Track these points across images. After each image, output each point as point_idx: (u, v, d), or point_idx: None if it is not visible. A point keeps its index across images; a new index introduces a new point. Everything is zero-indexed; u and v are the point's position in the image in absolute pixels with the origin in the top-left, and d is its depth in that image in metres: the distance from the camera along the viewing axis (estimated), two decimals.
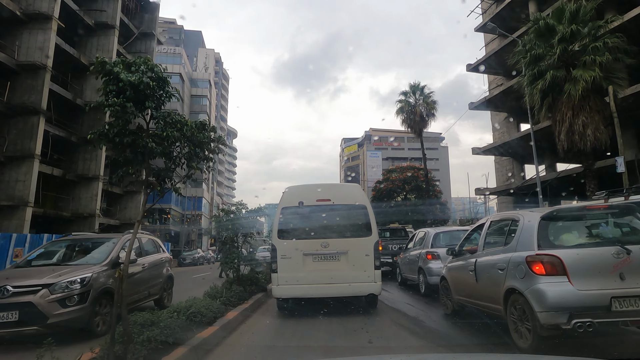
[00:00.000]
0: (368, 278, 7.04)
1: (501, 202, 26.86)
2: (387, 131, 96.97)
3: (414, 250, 9.74)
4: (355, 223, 7.45)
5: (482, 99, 25.79)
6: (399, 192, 40.76)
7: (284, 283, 7.09)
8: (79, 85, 30.24)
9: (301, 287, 7.03)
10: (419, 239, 9.92)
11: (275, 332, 6.52)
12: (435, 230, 9.11)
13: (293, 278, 7.00)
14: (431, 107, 34.25)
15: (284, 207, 7.45)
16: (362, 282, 7.06)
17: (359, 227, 7.39)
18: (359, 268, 7.05)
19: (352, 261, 7.08)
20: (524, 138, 22.73)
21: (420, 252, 9.02)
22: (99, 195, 29.45)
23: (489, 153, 26.63)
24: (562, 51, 13.26)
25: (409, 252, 10.30)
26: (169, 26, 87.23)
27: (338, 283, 6.97)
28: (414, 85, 35.07)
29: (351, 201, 7.51)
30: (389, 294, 9.94)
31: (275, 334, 6.40)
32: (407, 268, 10.36)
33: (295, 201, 7.38)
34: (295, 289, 7.05)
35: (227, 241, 8.89)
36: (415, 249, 9.80)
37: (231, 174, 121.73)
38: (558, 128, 13.36)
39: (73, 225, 28.47)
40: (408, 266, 10.18)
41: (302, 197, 7.31)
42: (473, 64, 26.45)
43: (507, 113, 26.54)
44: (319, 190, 7.51)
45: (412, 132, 34.83)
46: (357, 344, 5.59)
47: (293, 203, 7.40)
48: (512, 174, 25.83)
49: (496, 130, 27.55)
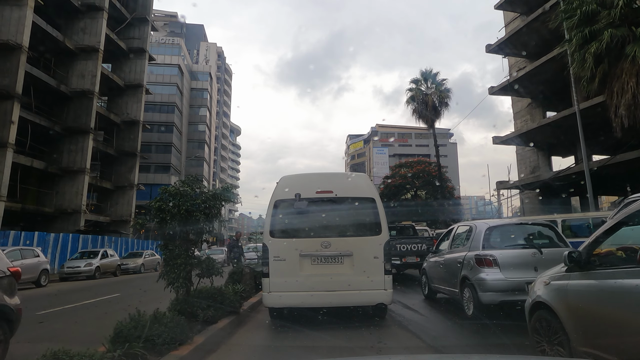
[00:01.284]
0: (377, 285, 5.99)
1: (525, 198, 24.31)
2: (394, 127, 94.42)
3: (453, 253, 7.31)
4: (362, 219, 6.39)
5: (504, 83, 23.23)
6: (408, 188, 38.22)
7: (276, 290, 5.98)
8: (64, 71, 28.01)
9: (297, 294, 5.95)
10: (459, 237, 7.44)
11: None
12: (486, 224, 6.60)
13: (288, 284, 5.94)
14: (444, 95, 31.77)
15: (278, 199, 6.28)
16: (369, 290, 6.01)
17: (367, 224, 6.34)
18: (366, 273, 5.98)
19: (358, 264, 6.02)
20: (551, 125, 20.19)
21: (465, 255, 6.59)
22: (84, 189, 27.23)
23: (510, 143, 24.07)
24: (624, 5, 10.71)
25: (443, 254, 7.87)
26: (171, 19, 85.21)
27: (341, 290, 5.94)
28: (425, 72, 32.60)
29: (357, 193, 6.40)
30: (416, 314, 7.46)
31: None
32: (439, 277, 7.91)
33: (291, 193, 6.24)
34: (290, 297, 5.98)
35: (170, 240, 5.91)
36: (453, 250, 7.37)
37: (234, 172, 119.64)
38: (616, 100, 10.85)
39: (57, 222, 26.33)
40: (441, 274, 7.73)
41: (300, 189, 6.24)
42: (493, 44, 23.91)
43: (531, 99, 23.99)
44: (320, 181, 6.51)
45: (424, 122, 32.32)
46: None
47: (289, 195, 6.26)
48: (537, 165, 23.27)
49: (518, 118, 24.98)
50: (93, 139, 29.93)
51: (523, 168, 24.47)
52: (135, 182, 34.11)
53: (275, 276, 5.97)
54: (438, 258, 8.17)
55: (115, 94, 34.65)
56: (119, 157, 33.54)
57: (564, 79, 21.38)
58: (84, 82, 28.19)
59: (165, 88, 51.52)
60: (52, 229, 24.91)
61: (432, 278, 8.43)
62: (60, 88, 26.60)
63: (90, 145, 27.96)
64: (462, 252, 6.92)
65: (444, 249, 8.21)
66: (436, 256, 8.37)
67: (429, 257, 8.86)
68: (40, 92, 25.76)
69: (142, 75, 35.38)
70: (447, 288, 7.48)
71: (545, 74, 21.15)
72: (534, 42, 22.19)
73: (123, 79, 34.34)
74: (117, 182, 33.40)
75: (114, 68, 34.90)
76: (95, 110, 28.36)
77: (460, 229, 7.85)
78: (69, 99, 27.65)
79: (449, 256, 7.59)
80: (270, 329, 6.38)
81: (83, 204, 27.00)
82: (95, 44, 28.61)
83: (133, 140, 34.38)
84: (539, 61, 20.46)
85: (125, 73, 34.99)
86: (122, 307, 6.82)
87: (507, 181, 23.74)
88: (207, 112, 62.23)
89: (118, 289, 14.25)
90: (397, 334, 5.95)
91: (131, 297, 10.53)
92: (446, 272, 7.56)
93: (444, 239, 8.58)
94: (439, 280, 8.06)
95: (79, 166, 27.18)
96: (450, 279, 7.26)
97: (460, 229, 7.85)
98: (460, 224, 8.54)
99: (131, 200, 33.65)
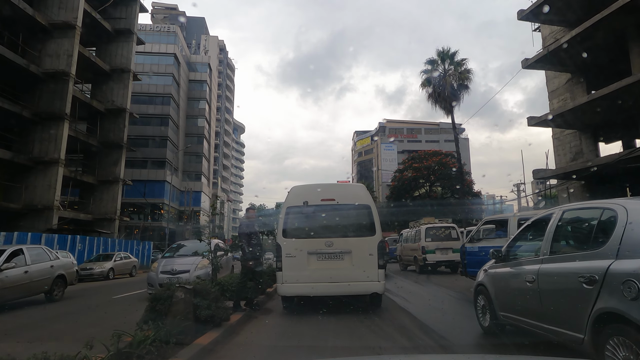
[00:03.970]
0: (372, 277, 7.05)
1: (563, 190, 20.73)
2: (402, 122, 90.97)
3: (556, 261, 4.06)
4: (359, 223, 7.50)
5: (540, 54, 19.70)
6: (422, 183, 34.70)
7: (288, 281, 7.13)
8: (35, 49, 24.89)
9: (305, 285, 7.05)
10: (568, 232, 4.17)
11: None
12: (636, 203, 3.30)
13: (297, 276, 7.03)
14: (464, 76, 28.26)
15: (289, 206, 7.50)
16: (365, 282, 7.06)
17: (363, 226, 7.40)
18: (362, 267, 7.05)
19: (356, 260, 7.11)
20: (599, 101, 16.68)
21: (607, 267, 3.15)
22: (58, 183, 24.07)
23: (546, 125, 20.56)
24: None
25: (525, 263, 4.63)
26: (171, 12, 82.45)
27: (341, 282, 6.96)
28: (442, 51, 29.10)
29: (355, 201, 7.57)
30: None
31: None
32: (525, 304, 4.53)
33: (300, 201, 7.41)
34: (299, 287, 7.06)
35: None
36: (557, 257, 4.08)
37: (238, 170, 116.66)
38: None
39: (26, 220, 23.22)
40: (531, 300, 4.35)
41: (307, 197, 7.36)
42: (526, 9, 20.41)
43: (572, 73, 20.45)
44: (324, 190, 7.58)
45: (441, 108, 28.79)
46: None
47: (298, 202, 7.43)
48: (580, 151, 19.72)
49: (555, 97, 21.42)
50: (73, 128, 26.88)
51: (562, 155, 20.91)
52: (121, 176, 30.95)
53: (287, 270, 7.06)
54: (512, 269, 5.01)
55: (100, 80, 31.56)
56: (103, 148, 30.39)
57: (616, 46, 17.99)
58: (59, 62, 25.07)
59: (160, 78, 48.47)
60: (19, 227, 21.81)
61: (503, 303, 5.18)
62: (29, 68, 23.50)
63: (66, 133, 24.82)
64: (590, 261, 3.61)
65: (524, 254, 4.99)
66: (507, 266, 5.16)
67: (489, 267, 5.66)
68: (6, 72, 22.69)
69: (129, 59, 32.24)
70: (549, 327, 4.16)
71: (591, 42, 17.71)
72: (576, 3, 18.74)
73: (109, 64, 31.26)
74: (101, 176, 30.27)
75: (99, 52, 31.82)
76: (71, 94, 25.23)
77: (569, 216, 4.37)
78: (41, 81, 24.55)
79: (549, 268, 4.24)
80: None
81: (56, 200, 23.86)
82: (71, 20, 25.48)
83: (119, 130, 31.22)
84: (585, 25, 16.95)
85: (111, 57, 31.89)
86: None
87: (545, 169, 20.17)
88: (206, 105, 59.08)
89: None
90: None
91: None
92: (545, 296, 4.27)
93: (522, 237, 5.28)
94: (523, 310, 4.72)
95: (52, 156, 24.05)
96: (558, 310, 4.04)
97: (569, 216, 4.37)
98: (563, 207, 4.61)
99: (116, 196, 30.48)
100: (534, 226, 5.23)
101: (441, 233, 14.68)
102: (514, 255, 5.46)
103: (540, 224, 5.01)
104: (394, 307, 8.04)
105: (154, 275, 10.12)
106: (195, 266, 9.70)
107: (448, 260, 13.97)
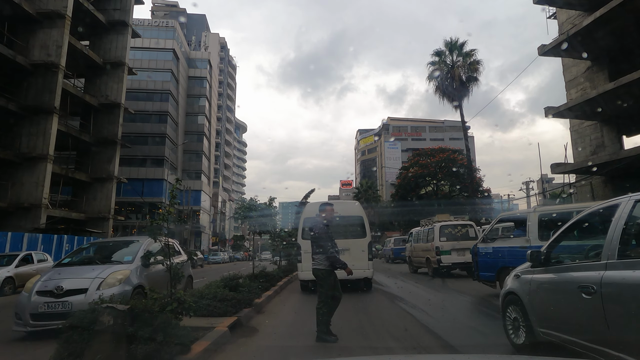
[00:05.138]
0: (364, 267, 10.12)
1: (584, 186, 19.34)
2: (406, 120, 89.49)
3: (629, 270, 2.93)
4: (354, 229, 10.55)
5: (558, 40, 18.33)
6: (429, 180, 33.31)
7: (304, 270, 9.82)
8: (23, 40, 23.71)
9: None
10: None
11: None
12: None
13: (311, 267, 7.76)
14: (474, 67, 26.89)
15: (306, 217, 10.32)
16: (359, 269, 9.65)
17: (357, 231, 10.54)
18: (357, 259, 9.86)
19: (353, 254, 9.88)
20: (625, 88, 15.31)
21: None
22: (46, 180, 22.86)
23: (564, 115, 19.19)
24: None
25: (576, 268, 3.66)
26: (171, 9, 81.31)
27: None
28: (451, 42, 27.73)
29: (352, 213, 10.80)
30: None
31: None
32: (580, 320, 3.34)
33: (313, 213, 9.09)
34: (311, 274, 7.60)
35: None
36: (623, 264, 2.99)
37: (240, 170, 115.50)
38: None
39: (11, 219, 22.01)
40: (589, 317, 3.24)
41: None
42: None
43: (592, 60, 19.06)
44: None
45: (449, 101, 27.45)
46: None
47: (311, 215, 9.21)
48: (602, 144, 18.34)
49: (573, 87, 20.04)
50: (64, 124, 25.71)
51: (581, 148, 19.52)
52: (115, 173, 29.73)
53: (304, 262, 9.84)
54: (556, 275, 4.01)
55: (93, 74, 30.36)
56: (96, 145, 29.19)
57: None
58: (48, 53, 23.88)
59: (159, 74, 47.29)
60: (5, 227, 20.63)
61: (544, 317, 4.12)
62: (16, 59, 22.32)
63: (55, 128, 23.63)
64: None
65: (574, 256, 4.05)
66: (550, 271, 4.13)
67: (522, 272, 4.60)
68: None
69: (124, 53, 31.03)
70: (621, 355, 3.01)
71: (616, 25, 16.38)
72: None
73: (102, 57, 30.05)
74: (94, 173, 29.06)
75: (93, 45, 30.60)
76: (60, 86, 24.03)
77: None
78: (28, 73, 23.38)
79: (617, 276, 3.14)
80: None
81: (44, 197, 22.67)
82: (61, 9, 24.29)
83: (113, 126, 30.01)
84: (610, 5, 15.59)
85: (105, 50, 30.69)
86: None
87: (565, 163, 18.76)
88: (206, 102, 57.87)
89: None
90: None
91: None
92: (612, 313, 3.18)
93: (567, 236, 4.21)
94: (576, 328, 3.63)
95: (40, 152, 22.86)
96: (635, 333, 2.98)
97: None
98: (635, 196, 3.36)
99: (110, 195, 29.27)
100: (585, 222, 4.18)
101: (457, 232, 13.18)
102: (557, 258, 4.28)
103: (595, 219, 4.03)
104: (414, 324, 6.39)
105: (25, 299, 5.96)
106: (100, 281, 6.05)
107: (465, 262, 12.30)
